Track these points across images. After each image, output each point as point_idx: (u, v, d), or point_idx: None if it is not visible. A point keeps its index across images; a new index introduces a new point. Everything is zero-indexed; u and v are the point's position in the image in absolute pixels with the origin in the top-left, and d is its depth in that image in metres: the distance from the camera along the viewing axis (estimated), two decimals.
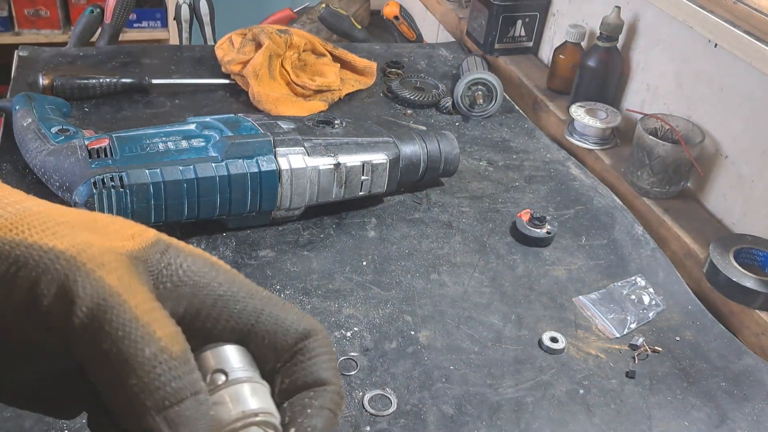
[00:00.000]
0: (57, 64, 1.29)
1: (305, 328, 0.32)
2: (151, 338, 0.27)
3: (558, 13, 1.47)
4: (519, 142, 1.25)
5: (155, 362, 0.27)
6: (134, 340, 0.27)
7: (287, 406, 0.31)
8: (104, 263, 0.28)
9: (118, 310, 0.27)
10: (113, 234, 0.30)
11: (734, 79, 1.04)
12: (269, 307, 0.32)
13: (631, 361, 0.84)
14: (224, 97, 1.27)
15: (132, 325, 0.27)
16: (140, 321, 0.27)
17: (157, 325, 0.27)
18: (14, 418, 0.68)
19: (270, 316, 0.31)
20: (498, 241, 1.00)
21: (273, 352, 0.32)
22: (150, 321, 0.27)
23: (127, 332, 0.27)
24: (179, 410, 0.27)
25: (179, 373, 0.27)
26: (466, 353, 0.82)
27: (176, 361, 0.27)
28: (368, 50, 1.50)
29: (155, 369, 0.26)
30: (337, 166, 0.94)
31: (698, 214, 1.09)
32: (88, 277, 0.27)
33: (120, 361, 0.27)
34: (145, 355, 0.26)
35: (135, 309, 0.27)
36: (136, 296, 0.28)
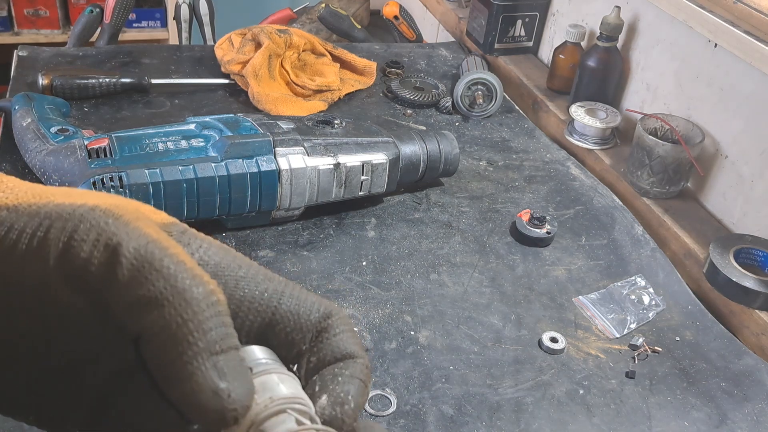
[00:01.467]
0: (56, 63, 1.29)
1: (326, 308, 0.32)
2: (201, 280, 0.27)
3: (558, 13, 1.47)
4: (519, 142, 1.25)
5: (208, 302, 0.26)
6: (186, 278, 0.26)
7: (317, 378, 0.31)
8: (140, 217, 0.28)
9: (165, 252, 0.27)
10: (134, 209, 0.30)
11: (734, 79, 1.04)
12: (289, 289, 0.32)
13: (631, 361, 0.83)
14: (224, 97, 1.27)
15: (181, 267, 0.27)
16: (187, 264, 0.27)
17: (202, 272, 0.27)
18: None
19: (291, 297, 0.31)
20: (498, 241, 1.00)
21: (299, 332, 0.31)
22: (195, 266, 0.27)
23: (179, 270, 0.26)
24: (226, 359, 0.27)
25: (227, 320, 0.27)
26: (466, 353, 0.82)
27: (223, 307, 0.27)
28: (368, 50, 1.50)
29: (208, 309, 0.26)
30: (336, 166, 0.94)
31: (698, 214, 1.09)
32: (128, 226, 0.27)
33: (175, 296, 0.26)
34: (199, 292, 0.26)
35: (180, 254, 0.27)
36: (176, 246, 0.28)
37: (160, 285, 0.26)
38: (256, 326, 0.31)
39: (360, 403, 0.31)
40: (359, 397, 0.31)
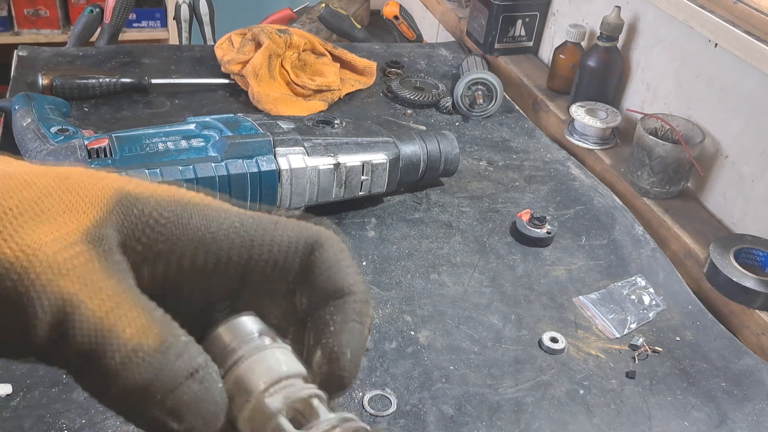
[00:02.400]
0: (56, 63, 1.29)
1: (307, 241, 0.29)
2: (119, 341, 0.25)
3: (558, 13, 1.47)
4: (519, 142, 1.25)
5: (131, 365, 0.25)
6: (102, 349, 0.25)
7: (311, 325, 0.29)
8: (60, 267, 0.25)
9: (80, 319, 0.25)
10: (66, 210, 0.27)
11: (734, 79, 1.04)
12: (260, 234, 0.29)
13: (631, 361, 0.83)
14: (224, 96, 1.27)
15: (96, 334, 0.25)
16: (104, 325, 0.25)
17: (126, 322, 0.25)
18: (14, 419, 0.68)
19: (263, 245, 0.29)
20: (498, 241, 1.00)
21: (281, 279, 0.29)
22: (115, 321, 0.25)
23: (93, 343, 0.25)
24: (175, 399, 0.25)
25: (161, 365, 0.25)
26: (466, 353, 0.82)
27: (154, 353, 0.25)
28: (368, 50, 1.50)
29: (133, 371, 0.25)
30: (336, 166, 0.94)
31: (698, 214, 1.09)
32: (44, 290, 0.25)
33: (95, 375, 0.25)
34: (116, 362, 0.25)
35: (97, 313, 0.25)
36: (98, 295, 0.25)
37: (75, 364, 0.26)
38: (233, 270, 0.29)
39: (358, 349, 0.28)
40: (356, 343, 0.28)
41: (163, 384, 0.25)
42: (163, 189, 0.29)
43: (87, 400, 0.70)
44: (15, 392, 0.70)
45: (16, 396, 0.70)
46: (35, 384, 0.71)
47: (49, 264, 0.25)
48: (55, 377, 0.72)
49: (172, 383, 0.25)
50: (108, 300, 0.25)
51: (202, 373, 0.26)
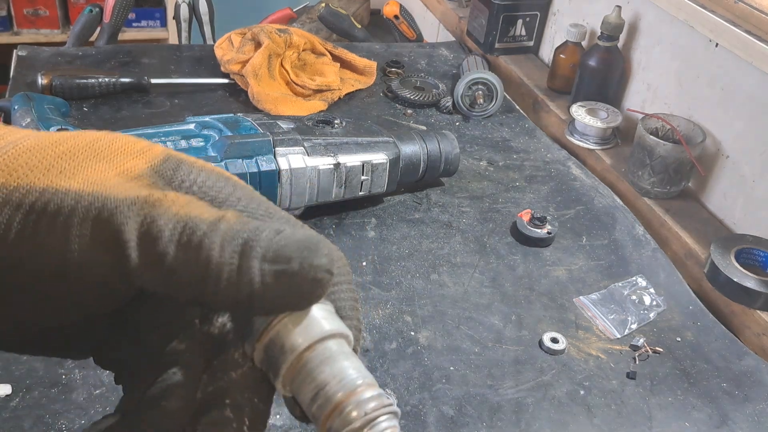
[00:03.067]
0: (56, 63, 1.28)
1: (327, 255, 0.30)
2: (202, 218, 0.25)
3: (558, 13, 1.47)
4: (519, 141, 1.25)
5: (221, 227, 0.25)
6: (191, 227, 0.25)
7: None
8: (131, 188, 0.26)
9: (164, 215, 0.25)
10: (120, 154, 0.28)
11: (735, 78, 1.04)
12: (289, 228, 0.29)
13: (631, 361, 0.83)
14: (224, 96, 1.27)
15: (181, 220, 0.25)
16: (187, 212, 0.25)
17: (202, 209, 0.26)
18: (13, 419, 0.68)
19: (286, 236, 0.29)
20: (498, 241, 1.00)
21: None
22: (193, 209, 0.26)
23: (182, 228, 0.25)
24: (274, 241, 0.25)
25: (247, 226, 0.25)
26: (467, 354, 0.82)
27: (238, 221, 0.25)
28: (368, 50, 1.50)
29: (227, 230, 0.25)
30: (336, 166, 0.94)
31: (699, 214, 1.08)
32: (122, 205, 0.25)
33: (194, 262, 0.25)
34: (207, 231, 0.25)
35: (174, 207, 0.25)
36: (169, 195, 0.26)
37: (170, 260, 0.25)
38: None
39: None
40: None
41: (258, 236, 0.25)
42: (206, 162, 0.30)
43: (86, 401, 0.70)
44: (14, 392, 0.70)
45: (15, 396, 0.70)
46: (35, 384, 0.71)
47: (121, 188, 0.26)
48: (55, 378, 0.72)
49: (267, 235, 0.25)
50: (181, 197, 0.26)
51: (289, 229, 0.26)
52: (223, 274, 0.25)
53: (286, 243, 0.25)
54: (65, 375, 0.73)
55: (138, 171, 0.27)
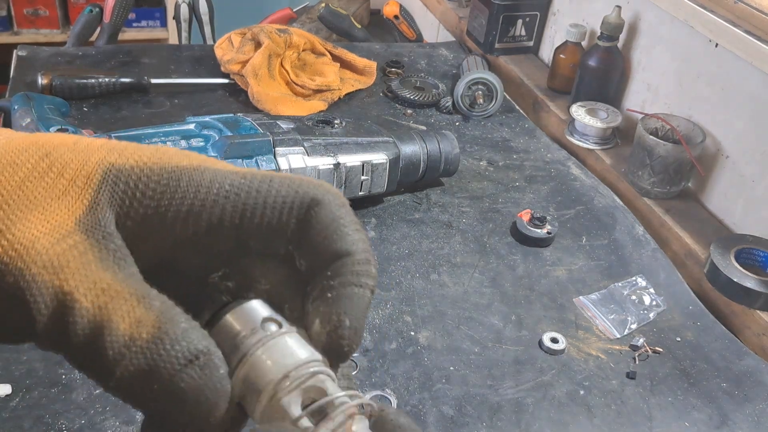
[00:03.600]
0: (56, 63, 1.28)
1: (303, 200, 0.28)
2: (114, 336, 0.25)
3: (558, 13, 1.47)
4: (519, 141, 1.25)
5: (127, 357, 0.24)
6: (98, 344, 0.25)
7: (309, 293, 0.28)
8: (55, 263, 0.25)
9: (77, 316, 0.25)
10: (54, 196, 0.26)
11: (735, 78, 1.04)
12: (253, 196, 0.27)
13: (631, 361, 0.83)
14: (223, 96, 1.27)
15: (93, 330, 0.25)
16: (100, 321, 0.25)
17: (120, 316, 0.25)
18: (13, 419, 0.68)
19: (256, 207, 0.27)
20: (498, 241, 1.00)
21: (278, 242, 0.28)
22: (110, 317, 0.25)
23: (90, 338, 0.25)
24: (174, 386, 0.24)
25: (157, 354, 0.24)
26: (466, 354, 0.81)
27: (149, 344, 0.25)
28: (368, 50, 1.50)
29: (129, 362, 0.24)
30: (336, 166, 0.94)
31: (699, 214, 1.08)
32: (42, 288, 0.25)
33: (95, 367, 0.25)
34: (112, 355, 0.24)
35: (92, 310, 0.25)
36: (93, 290, 0.25)
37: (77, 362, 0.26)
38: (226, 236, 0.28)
39: (358, 316, 0.27)
40: (356, 309, 0.27)
41: (160, 373, 0.25)
42: (148, 155, 0.28)
43: (86, 401, 0.70)
44: (14, 393, 0.70)
45: (15, 396, 0.70)
46: (34, 384, 0.71)
47: (44, 262, 0.25)
48: (55, 378, 0.72)
49: (170, 371, 0.25)
50: (103, 295, 0.25)
51: (203, 359, 0.25)
52: (117, 393, 0.25)
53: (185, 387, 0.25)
54: (65, 375, 0.73)
55: (70, 225, 0.26)
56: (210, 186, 0.28)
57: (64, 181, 0.27)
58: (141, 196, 0.27)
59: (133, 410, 0.70)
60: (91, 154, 0.27)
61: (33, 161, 0.27)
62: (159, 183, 0.27)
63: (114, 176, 0.27)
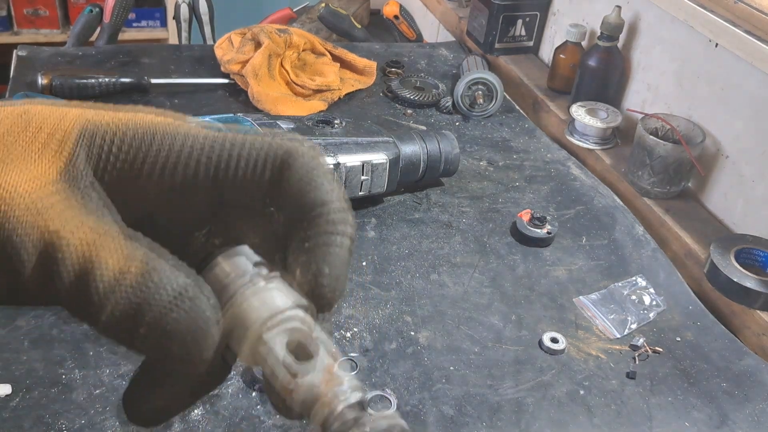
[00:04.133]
0: (56, 63, 1.28)
1: (277, 153, 0.28)
2: (103, 271, 0.25)
3: (558, 13, 1.47)
4: (519, 141, 1.25)
5: (116, 292, 0.25)
6: (87, 281, 0.25)
7: (289, 245, 0.28)
8: (39, 207, 0.25)
9: (65, 255, 0.25)
10: (34, 149, 0.26)
11: (735, 78, 1.04)
12: (226, 148, 0.28)
13: (631, 361, 0.83)
14: (223, 96, 1.27)
15: (81, 268, 0.25)
16: (88, 258, 0.25)
17: (108, 253, 0.25)
18: (13, 419, 0.68)
19: (230, 159, 0.28)
20: (498, 241, 1.00)
21: (255, 197, 0.28)
22: (98, 253, 0.25)
23: (79, 277, 0.25)
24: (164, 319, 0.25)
25: (146, 288, 0.25)
26: (466, 354, 0.82)
27: (138, 278, 0.25)
28: (368, 50, 1.50)
29: (119, 297, 0.25)
30: (336, 166, 0.94)
31: (699, 214, 1.08)
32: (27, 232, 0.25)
33: (85, 306, 0.25)
34: (102, 292, 0.25)
35: (80, 247, 0.25)
36: (80, 229, 0.25)
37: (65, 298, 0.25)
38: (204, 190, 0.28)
39: (338, 263, 0.27)
40: (335, 256, 0.27)
41: (150, 306, 0.25)
42: (123, 112, 0.28)
43: (86, 401, 0.70)
44: (14, 392, 0.70)
45: (15, 396, 0.70)
46: (34, 384, 0.71)
47: (28, 205, 0.25)
48: (55, 378, 0.72)
49: (160, 304, 0.25)
50: (90, 233, 0.25)
51: (192, 291, 0.25)
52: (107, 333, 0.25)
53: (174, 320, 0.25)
54: (65, 375, 0.73)
55: (53, 175, 0.26)
56: (184, 139, 0.28)
57: (43, 135, 0.27)
58: (117, 150, 0.27)
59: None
60: (68, 111, 0.28)
61: (10, 120, 0.27)
62: (134, 138, 0.28)
63: (91, 131, 0.27)
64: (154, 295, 0.25)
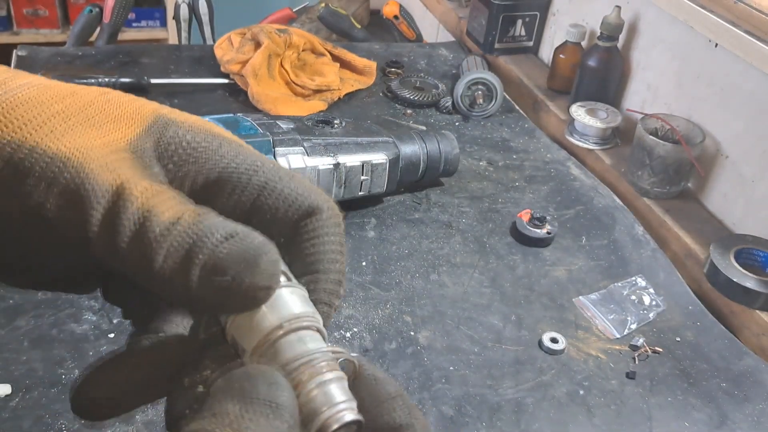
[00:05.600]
0: (55, 63, 1.28)
1: (311, 204, 0.30)
2: (159, 218, 0.27)
3: (558, 13, 1.47)
4: (519, 142, 1.25)
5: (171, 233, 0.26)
6: (146, 224, 0.26)
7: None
8: (109, 164, 0.28)
9: (128, 203, 0.27)
10: (110, 121, 0.29)
11: (735, 79, 1.04)
12: (275, 181, 0.30)
13: (631, 361, 0.83)
14: (223, 96, 1.27)
15: (141, 212, 0.27)
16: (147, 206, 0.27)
17: (165, 205, 0.27)
18: (13, 419, 0.68)
19: (274, 191, 0.30)
20: (498, 241, 1.00)
21: (277, 231, 0.30)
22: (156, 203, 0.27)
23: (139, 220, 0.27)
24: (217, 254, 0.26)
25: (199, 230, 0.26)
26: (466, 354, 0.82)
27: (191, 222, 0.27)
28: (368, 50, 1.50)
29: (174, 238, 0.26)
30: (336, 166, 0.94)
31: (699, 215, 1.08)
32: (98, 181, 0.27)
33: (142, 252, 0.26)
34: (158, 233, 0.26)
35: (140, 198, 0.27)
36: (141, 183, 0.27)
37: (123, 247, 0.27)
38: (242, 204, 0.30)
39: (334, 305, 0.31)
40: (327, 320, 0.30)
41: (203, 244, 0.26)
42: (196, 118, 0.31)
43: None
44: (14, 392, 0.70)
45: (15, 396, 0.70)
46: (34, 384, 0.71)
47: (99, 161, 0.28)
48: (55, 378, 0.72)
49: (212, 243, 0.26)
50: (150, 188, 0.27)
51: (242, 233, 0.27)
52: (164, 278, 0.27)
53: (227, 254, 0.26)
54: (65, 375, 0.73)
55: (123, 144, 0.29)
56: (246, 157, 0.31)
57: (120, 111, 0.30)
58: (186, 145, 0.30)
59: (132, 410, 0.70)
60: (145, 103, 0.31)
61: (93, 94, 0.30)
62: (204, 139, 0.30)
63: (163, 123, 0.30)
64: (207, 234, 0.26)
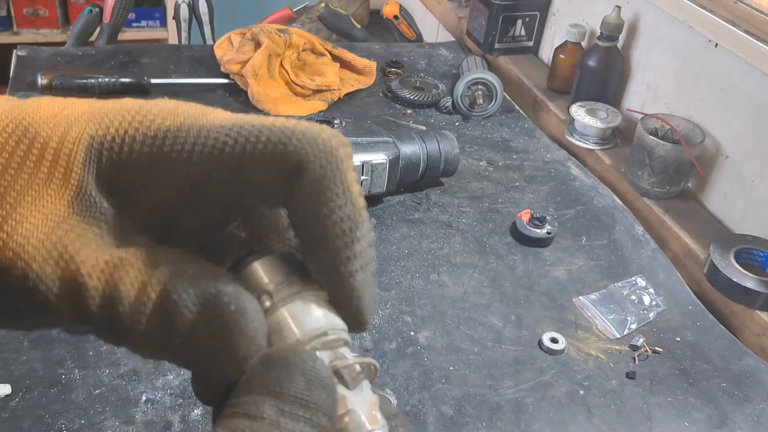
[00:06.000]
0: (56, 63, 1.28)
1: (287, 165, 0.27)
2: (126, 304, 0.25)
3: (558, 13, 1.47)
4: (519, 142, 1.25)
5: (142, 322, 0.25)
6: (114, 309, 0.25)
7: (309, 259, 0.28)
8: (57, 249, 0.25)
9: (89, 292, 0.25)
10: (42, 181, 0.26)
11: (735, 79, 1.04)
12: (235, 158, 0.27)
13: (631, 361, 0.83)
14: (223, 96, 1.27)
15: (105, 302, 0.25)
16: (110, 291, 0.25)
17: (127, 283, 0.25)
18: (13, 419, 0.68)
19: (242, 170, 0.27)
20: (498, 241, 1.00)
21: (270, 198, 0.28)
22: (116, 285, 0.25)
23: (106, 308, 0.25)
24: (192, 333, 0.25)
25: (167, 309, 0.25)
26: (466, 354, 0.82)
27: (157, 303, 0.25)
28: (368, 50, 1.50)
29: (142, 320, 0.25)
30: None
31: (699, 215, 1.08)
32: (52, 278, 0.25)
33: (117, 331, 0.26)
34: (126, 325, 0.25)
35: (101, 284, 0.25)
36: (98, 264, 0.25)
37: None
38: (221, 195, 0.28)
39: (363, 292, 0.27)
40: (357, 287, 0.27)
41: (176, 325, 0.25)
42: (129, 119, 0.28)
43: (86, 401, 0.70)
44: (14, 392, 0.70)
45: (15, 396, 0.70)
46: (34, 384, 0.71)
47: (44, 255, 0.25)
48: (55, 378, 0.72)
49: (184, 321, 0.25)
50: (108, 267, 0.25)
51: (213, 299, 0.25)
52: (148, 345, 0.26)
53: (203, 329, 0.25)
54: (65, 375, 0.73)
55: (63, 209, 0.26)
56: (194, 144, 0.27)
57: (47, 163, 0.26)
58: (125, 168, 0.27)
59: (132, 410, 0.70)
60: (71, 126, 0.27)
61: (12, 144, 0.26)
62: (145, 152, 0.27)
63: (96, 151, 0.27)
64: (180, 308, 0.25)
